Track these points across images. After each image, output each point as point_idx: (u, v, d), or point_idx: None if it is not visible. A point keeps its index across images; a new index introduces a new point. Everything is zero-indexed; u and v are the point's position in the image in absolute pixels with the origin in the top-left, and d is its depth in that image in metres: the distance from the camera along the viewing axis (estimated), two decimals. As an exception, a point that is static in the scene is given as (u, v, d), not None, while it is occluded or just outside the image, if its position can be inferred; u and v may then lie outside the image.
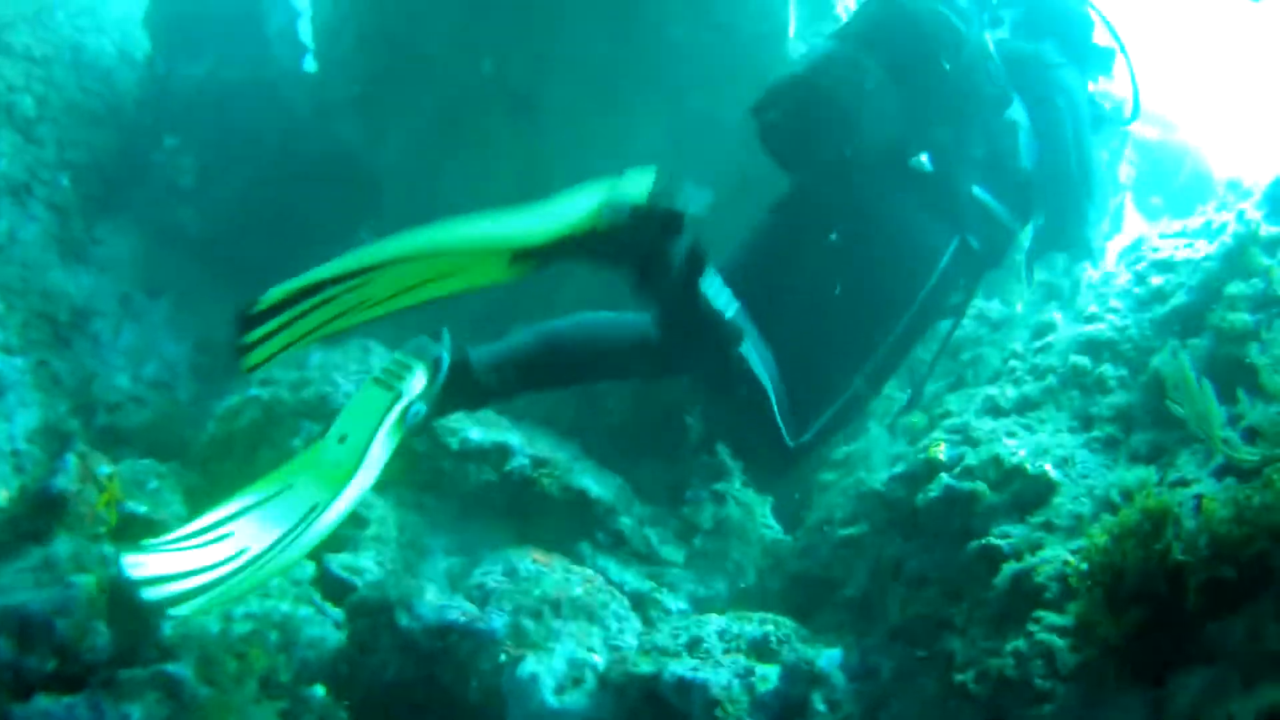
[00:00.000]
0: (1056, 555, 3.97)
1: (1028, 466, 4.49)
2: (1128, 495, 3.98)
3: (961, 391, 5.63)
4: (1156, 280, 5.35)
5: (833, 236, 4.77)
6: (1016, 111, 5.04)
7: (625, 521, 5.88)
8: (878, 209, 4.81)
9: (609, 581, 5.21)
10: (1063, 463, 4.50)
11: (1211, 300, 4.81)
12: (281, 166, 8.11)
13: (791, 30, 6.77)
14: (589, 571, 5.14)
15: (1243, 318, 4.54)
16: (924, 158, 4.76)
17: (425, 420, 4.26)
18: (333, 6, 8.04)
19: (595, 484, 5.93)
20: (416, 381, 4.22)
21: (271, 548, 3.73)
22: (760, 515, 6.09)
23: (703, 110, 6.73)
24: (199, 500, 5.23)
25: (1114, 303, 5.42)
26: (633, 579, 5.59)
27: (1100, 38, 5.72)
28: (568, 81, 6.92)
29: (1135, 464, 4.36)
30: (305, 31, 8.69)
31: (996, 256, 5.11)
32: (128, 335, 7.50)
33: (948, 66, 4.78)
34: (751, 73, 6.47)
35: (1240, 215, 5.32)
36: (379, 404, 4.12)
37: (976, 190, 4.91)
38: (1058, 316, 5.61)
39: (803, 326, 4.71)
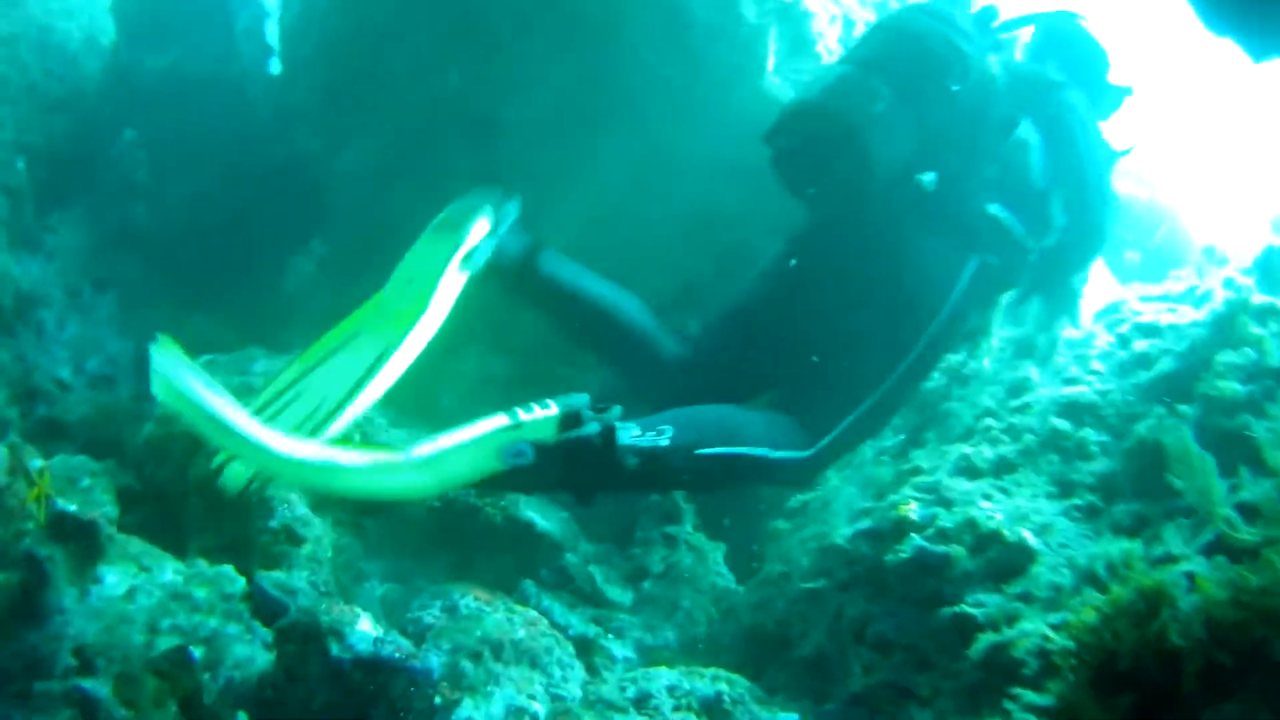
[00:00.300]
0: (1036, 629, 3.73)
1: (1005, 532, 4.25)
2: (1111, 568, 3.74)
3: (930, 447, 5.35)
4: (1141, 345, 5.17)
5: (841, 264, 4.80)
6: (1027, 130, 4.96)
7: (571, 559, 5.63)
8: (893, 231, 4.73)
9: (553, 624, 4.89)
10: (1042, 530, 4.26)
11: (1200, 368, 4.62)
12: (238, 169, 7.79)
13: (770, 64, 6.47)
14: (533, 613, 4.80)
15: (1234, 387, 4.40)
16: (929, 177, 4.66)
17: (487, 267, 4.50)
18: (300, 9, 7.71)
19: (541, 517, 5.69)
20: (480, 226, 4.51)
21: (347, 395, 3.94)
22: (713, 562, 5.79)
23: (669, 141, 6.38)
24: (132, 503, 5.18)
25: (1096, 365, 5.23)
26: (578, 622, 5.28)
27: (1115, 76, 5.64)
28: (530, 104, 6.58)
29: (1118, 535, 4.13)
30: (272, 32, 8.40)
31: (1015, 275, 5.07)
32: (72, 327, 7.17)
33: (955, 88, 4.76)
34: (724, 106, 6.33)
35: (1229, 282, 5.17)
36: (444, 247, 4.38)
37: (991, 208, 4.82)
38: (1034, 373, 5.38)
39: (820, 341, 4.69)
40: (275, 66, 8.37)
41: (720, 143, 6.16)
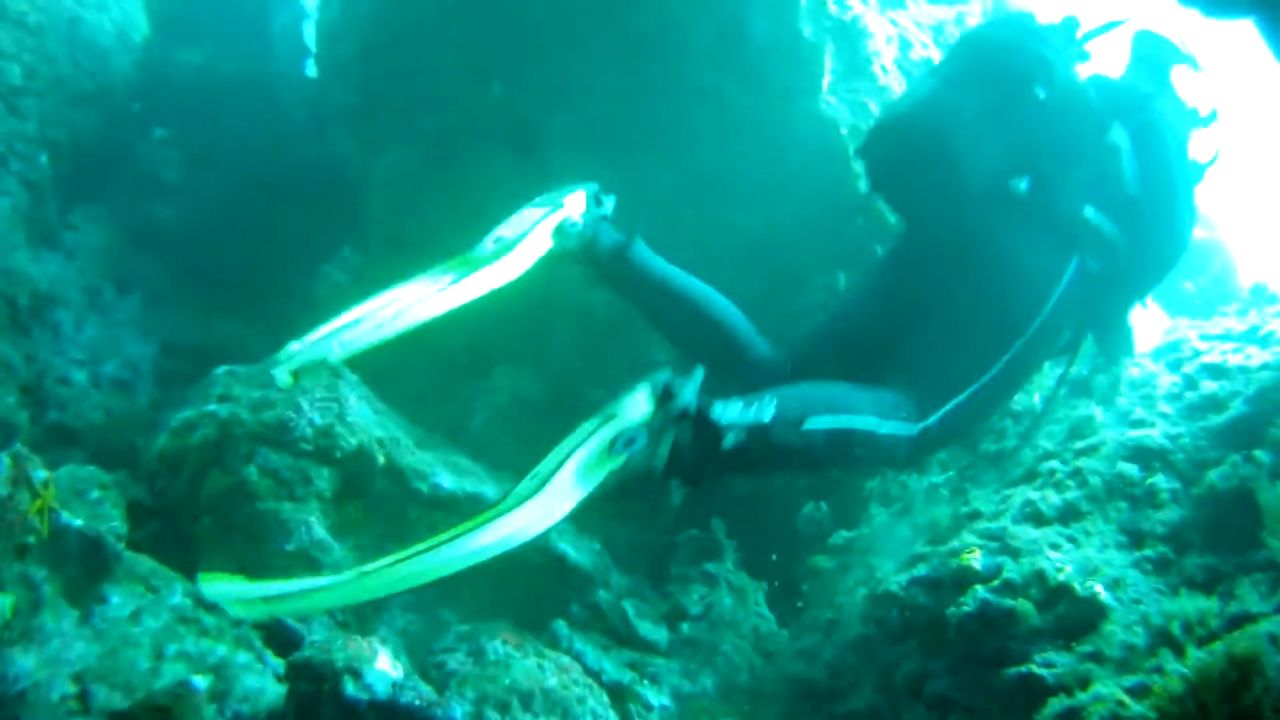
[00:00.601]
0: (1110, 694, 3.39)
1: (1076, 587, 3.92)
2: (1188, 627, 3.53)
3: (988, 490, 5.07)
4: (1209, 385, 4.91)
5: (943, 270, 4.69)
6: (1118, 135, 4.87)
7: (604, 596, 5.41)
8: (991, 235, 4.66)
9: (587, 670, 4.67)
10: (1114, 584, 3.94)
11: (1273, 412, 4.35)
12: (269, 171, 7.59)
13: (826, 83, 6.21)
14: (564, 659, 4.57)
15: None
16: (1022, 182, 4.59)
17: (579, 241, 4.52)
18: (340, 10, 7.46)
19: (573, 549, 5.45)
20: (576, 200, 4.53)
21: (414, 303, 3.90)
22: (754, 602, 5.58)
23: (720, 160, 6.14)
24: (142, 517, 4.94)
25: (1163, 407, 4.97)
26: (612, 668, 5.02)
27: (1201, 91, 5.49)
28: (577, 116, 6.33)
29: (1193, 591, 3.80)
30: (309, 33, 8.22)
31: (1111, 284, 4.88)
32: (90, 329, 6.83)
33: (1042, 95, 4.73)
34: (778, 126, 6.09)
35: None
36: (537, 214, 4.41)
37: (1086, 211, 4.72)
38: (1098, 413, 5.12)
39: (919, 341, 4.57)
40: (312, 69, 8.20)
41: (773, 164, 5.94)
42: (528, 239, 4.29)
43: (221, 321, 6.77)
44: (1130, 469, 4.56)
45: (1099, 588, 3.86)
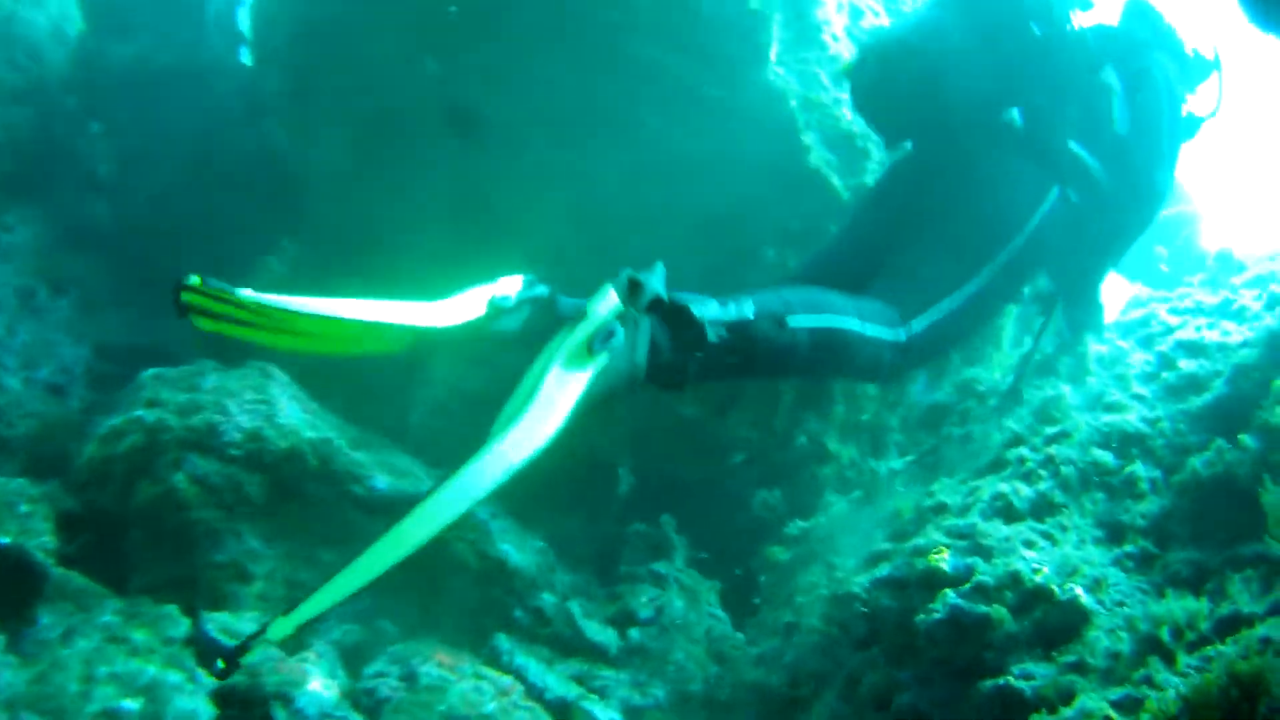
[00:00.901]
0: (1096, 708, 3.06)
1: (1055, 590, 3.54)
2: (1177, 632, 3.22)
3: (953, 479, 4.72)
4: (1187, 365, 4.61)
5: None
6: (1110, 76, 4.99)
7: (547, 599, 5.18)
8: (976, 160, 4.74)
9: (529, 688, 4.46)
10: (1095, 585, 3.56)
11: (1258, 393, 3.99)
12: (205, 165, 7.45)
13: (773, 54, 5.96)
14: (505, 680, 4.37)
15: None
16: (1014, 112, 4.69)
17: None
18: (273, -7, 7.29)
19: (515, 550, 5.23)
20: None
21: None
22: (707, 604, 5.35)
23: (667, 138, 5.93)
24: (73, 529, 4.81)
25: (1138, 388, 4.64)
26: (556, 683, 4.75)
27: (1199, 51, 5.57)
28: (518, 97, 6.06)
29: (1179, 589, 3.46)
30: (244, 19, 8.00)
31: (1090, 221, 4.97)
32: (24, 333, 6.70)
33: (1038, 32, 4.79)
34: (723, 100, 5.87)
35: (1275, 299, 4.82)
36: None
37: (1073, 144, 4.81)
38: (1067, 391, 4.82)
39: (909, 254, 4.63)
40: (246, 56, 7.96)
41: (721, 138, 5.74)
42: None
43: (158, 321, 6.42)
44: (1106, 456, 4.23)
45: (1079, 590, 3.49)
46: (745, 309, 3.80)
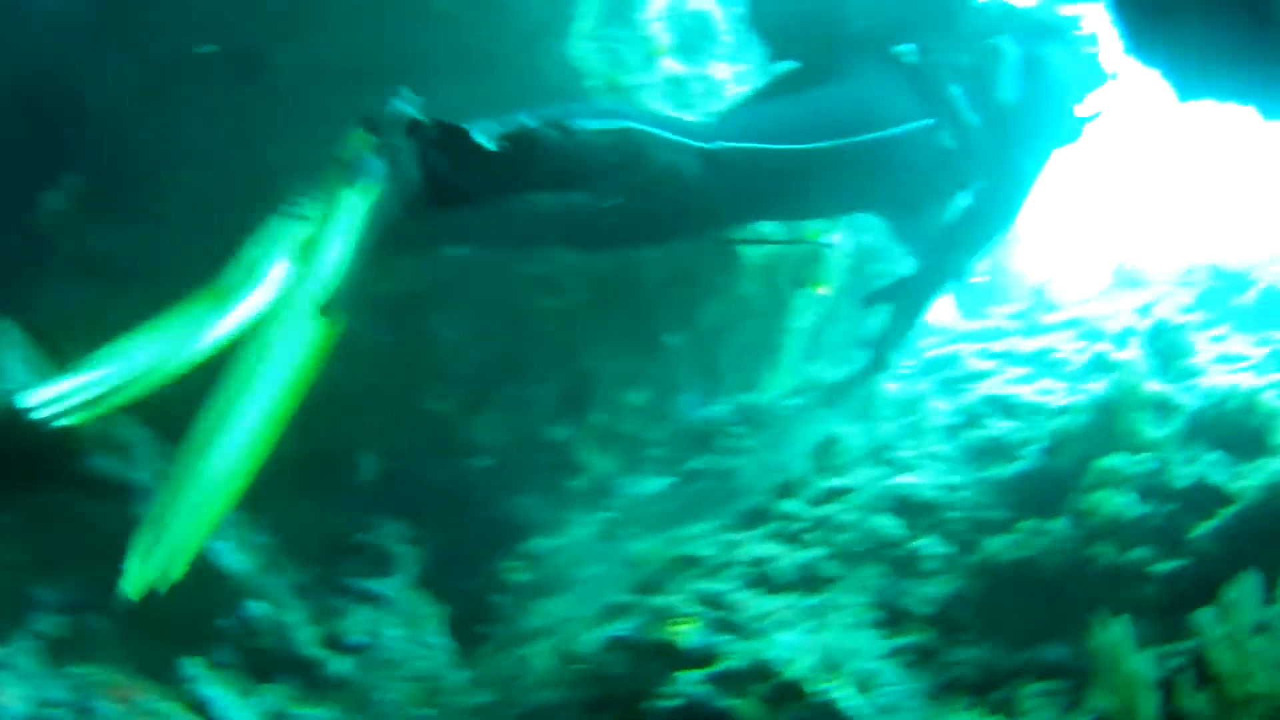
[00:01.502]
0: None
1: (806, 688, 2.95)
2: None
3: (714, 524, 4.16)
4: (996, 425, 4.17)
5: None
6: (1006, 44, 4.77)
7: (258, 608, 4.50)
8: (853, 72, 4.53)
9: None
10: (863, 685, 2.99)
11: (1077, 470, 3.58)
12: None
13: (580, 27, 5.45)
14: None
15: (1115, 502, 3.34)
16: (909, 48, 4.55)
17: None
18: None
19: (232, 549, 4.59)
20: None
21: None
22: (430, 633, 4.69)
23: (460, 99, 5.11)
24: None
25: (934, 445, 4.18)
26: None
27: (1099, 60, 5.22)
28: (307, 45, 5.44)
29: (960, 697, 3.03)
30: None
31: (952, 172, 4.69)
32: None
33: None
34: (522, 68, 5.33)
35: (1102, 360, 4.48)
36: None
37: (954, 89, 4.60)
38: (850, 434, 4.36)
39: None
40: None
41: (518, 107, 5.07)
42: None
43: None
44: (891, 525, 3.69)
45: (837, 693, 2.91)
46: (526, 118, 3.66)
